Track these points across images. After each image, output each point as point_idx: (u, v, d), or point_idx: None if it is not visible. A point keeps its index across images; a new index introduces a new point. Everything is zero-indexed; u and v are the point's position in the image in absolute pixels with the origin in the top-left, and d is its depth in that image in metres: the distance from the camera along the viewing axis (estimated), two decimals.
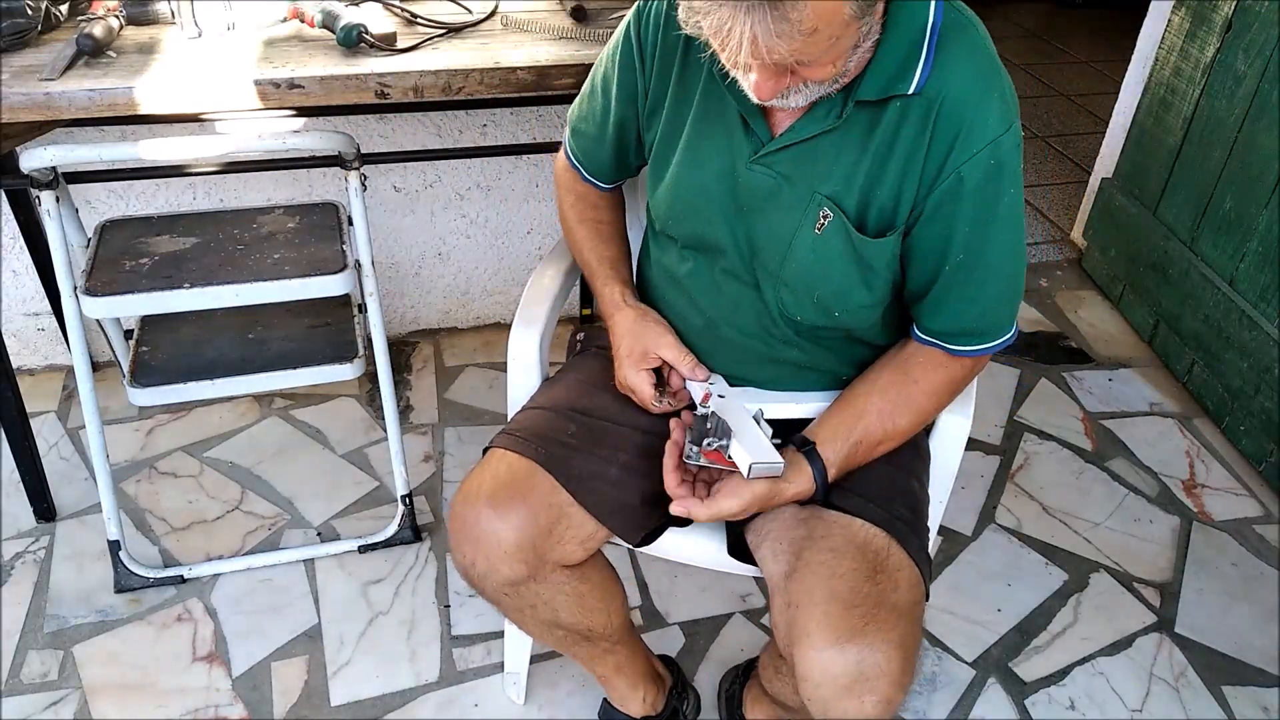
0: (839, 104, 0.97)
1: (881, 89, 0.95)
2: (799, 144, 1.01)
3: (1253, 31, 1.98)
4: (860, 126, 0.98)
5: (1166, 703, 1.57)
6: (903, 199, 0.99)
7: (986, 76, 0.95)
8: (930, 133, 0.96)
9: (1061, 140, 3.44)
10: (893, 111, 0.96)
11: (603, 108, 1.18)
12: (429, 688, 1.55)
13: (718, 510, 1.02)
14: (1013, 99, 0.97)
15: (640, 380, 1.14)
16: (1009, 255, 1.02)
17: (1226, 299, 2.06)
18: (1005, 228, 1.00)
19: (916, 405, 1.09)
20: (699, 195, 1.08)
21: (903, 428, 1.09)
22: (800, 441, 1.08)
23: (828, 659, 0.95)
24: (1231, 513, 1.93)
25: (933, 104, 0.95)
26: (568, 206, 1.29)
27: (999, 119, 0.95)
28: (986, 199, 0.97)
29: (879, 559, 1.01)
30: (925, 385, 1.09)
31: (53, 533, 1.77)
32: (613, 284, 1.21)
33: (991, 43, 0.98)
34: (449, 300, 2.31)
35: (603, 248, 1.25)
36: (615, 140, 1.19)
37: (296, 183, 2.04)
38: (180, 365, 1.56)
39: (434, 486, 1.91)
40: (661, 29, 1.07)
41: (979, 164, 0.95)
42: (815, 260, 1.04)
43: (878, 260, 1.03)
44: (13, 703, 1.49)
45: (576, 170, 1.27)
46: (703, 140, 1.07)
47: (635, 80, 1.12)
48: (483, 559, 1.08)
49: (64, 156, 1.34)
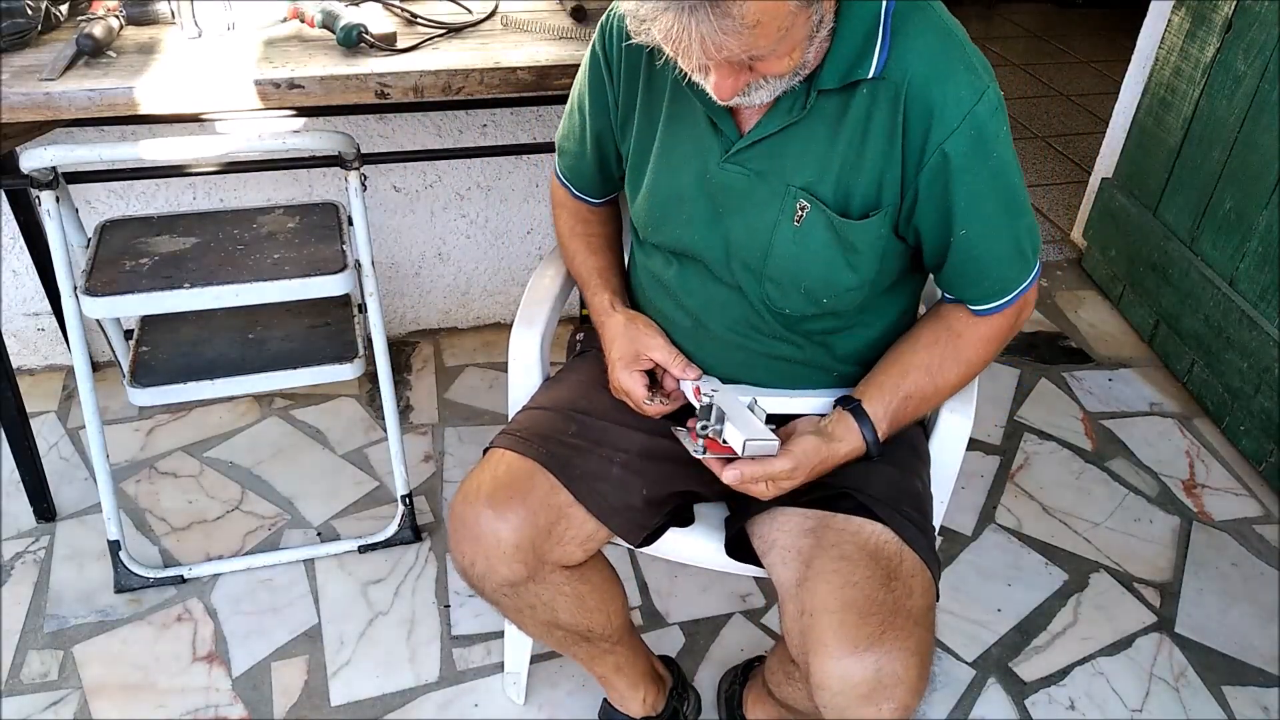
0: (802, 95, 0.98)
1: (841, 76, 0.96)
2: (767, 139, 1.01)
3: (1253, 31, 1.98)
4: (827, 115, 0.99)
5: (1166, 703, 1.57)
6: (885, 182, 1.00)
7: (947, 51, 0.96)
8: (903, 115, 0.96)
9: (1061, 140, 3.44)
10: (861, 98, 0.97)
11: (580, 124, 1.20)
12: (429, 688, 1.55)
13: (769, 470, 1.02)
14: (981, 65, 0.97)
15: (633, 382, 1.15)
16: (1014, 211, 1.03)
17: (1226, 299, 2.06)
18: (1002, 188, 1.00)
19: (963, 357, 1.10)
20: (675, 201, 1.09)
21: (951, 381, 1.10)
22: (845, 401, 1.09)
23: (845, 668, 0.95)
24: (1231, 513, 1.93)
25: (899, 87, 0.95)
26: (561, 223, 1.32)
27: (969, 90, 0.95)
28: (976, 169, 0.98)
29: (892, 565, 1.01)
30: (970, 337, 1.10)
31: (53, 533, 1.77)
32: (602, 292, 1.23)
33: (949, 16, 0.98)
34: (449, 300, 2.31)
35: (593, 259, 1.27)
36: (596, 154, 1.21)
37: (296, 183, 2.04)
38: (180, 365, 1.56)
39: (434, 486, 1.91)
40: (625, 39, 1.08)
41: (960, 138, 0.96)
42: (798, 252, 1.04)
43: (862, 241, 1.03)
44: (13, 703, 1.49)
45: (566, 188, 1.29)
46: (675, 146, 1.08)
47: (605, 93, 1.14)
48: (482, 559, 1.08)
49: (64, 156, 1.34)
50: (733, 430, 1.02)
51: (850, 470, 1.09)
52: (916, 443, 1.20)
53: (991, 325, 1.10)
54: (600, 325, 1.22)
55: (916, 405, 1.09)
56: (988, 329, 1.10)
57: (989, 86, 0.96)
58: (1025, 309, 1.11)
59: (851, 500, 1.06)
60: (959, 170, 0.97)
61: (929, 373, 1.09)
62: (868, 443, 1.06)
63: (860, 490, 1.07)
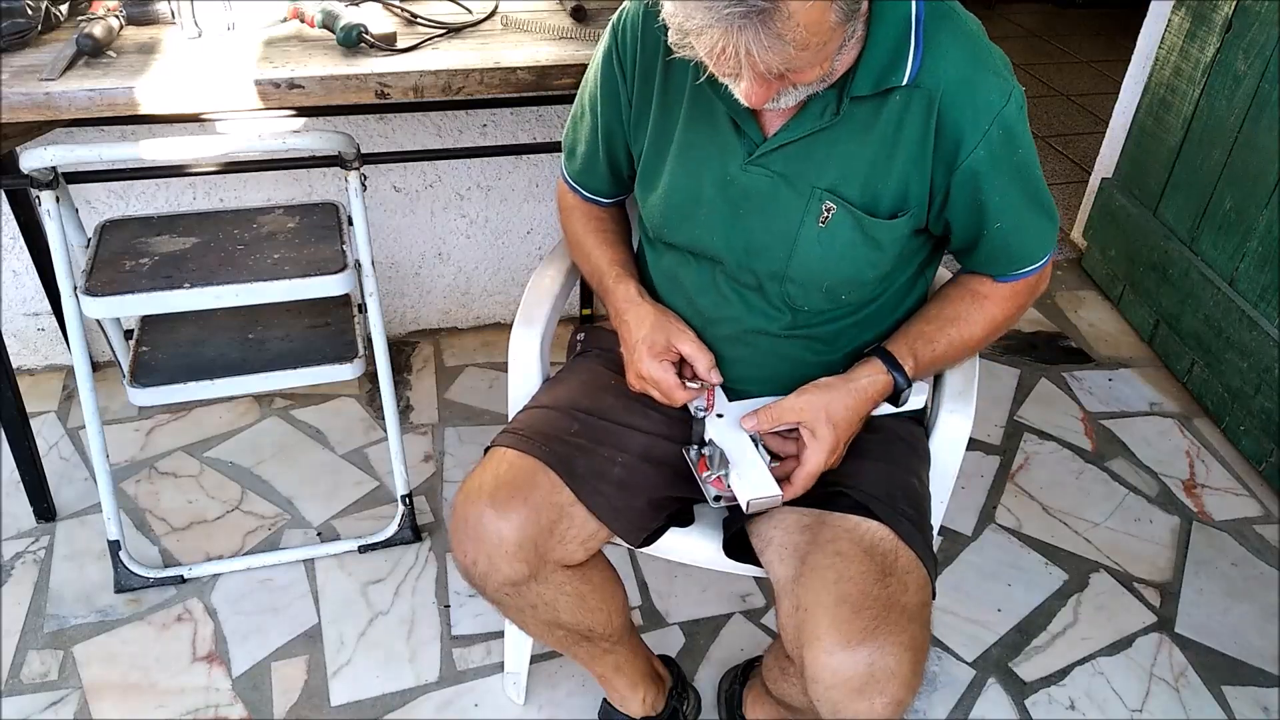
0: (833, 101, 0.99)
1: (875, 83, 0.97)
2: (794, 142, 1.02)
3: (1253, 31, 1.98)
4: (858, 121, 1.00)
5: (1166, 703, 1.57)
6: (912, 186, 1.02)
7: (976, 57, 0.98)
8: (936, 123, 0.98)
9: (1061, 140, 3.44)
10: (894, 104, 0.98)
11: (591, 126, 1.19)
12: (429, 688, 1.55)
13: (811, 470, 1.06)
14: (1005, 65, 1.00)
15: (663, 370, 1.12)
16: (1039, 197, 1.07)
17: (1226, 299, 2.06)
18: (1028, 180, 1.04)
19: (988, 315, 1.14)
20: (694, 202, 1.09)
21: (976, 334, 1.14)
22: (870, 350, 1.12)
23: (838, 661, 0.96)
24: (1231, 513, 1.93)
25: (933, 96, 0.97)
26: (573, 224, 1.30)
27: (998, 94, 0.98)
28: (1004, 167, 1.01)
29: (887, 561, 1.01)
30: (994, 297, 1.14)
31: (53, 533, 1.77)
32: (626, 281, 1.20)
33: (969, 15, 1.01)
34: (449, 300, 2.31)
35: (611, 251, 1.25)
36: (606, 154, 1.20)
37: (296, 183, 2.04)
38: (180, 365, 1.56)
39: (434, 486, 1.91)
40: (639, 38, 1.09)
41: (991, 141, 0.99)
42: (824, 252, 1.05)
43: (887, 239, 1.05)
44: (13, 703, 1.49)
45: (577, 192, 1.28)
46: (694, 147, 1.08)
47: (618, 91, 1.13)
48: (484, 558, 1.08)
49: (64, 156, 1.34)
50: (738, 481, 1.04)
51: (848, 468, 1.10)
52: (915, 442, 1.20)
53: (1013, 289, 1.13)
54: (623, 314, 1.17)
55: (944, 350, 1.12)
56: (1011, 293, 1.14)
57: (1014, 87, 0.99)
58: (1044, 276, 1.15)
59: (849, 499, 1.07)
60: (991, 172, 1.01)
61: (953, 322, 1.13)
62: (895, 377, 1.09)
63: (857, 488, 1.08)
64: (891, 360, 1.09)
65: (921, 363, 1.11)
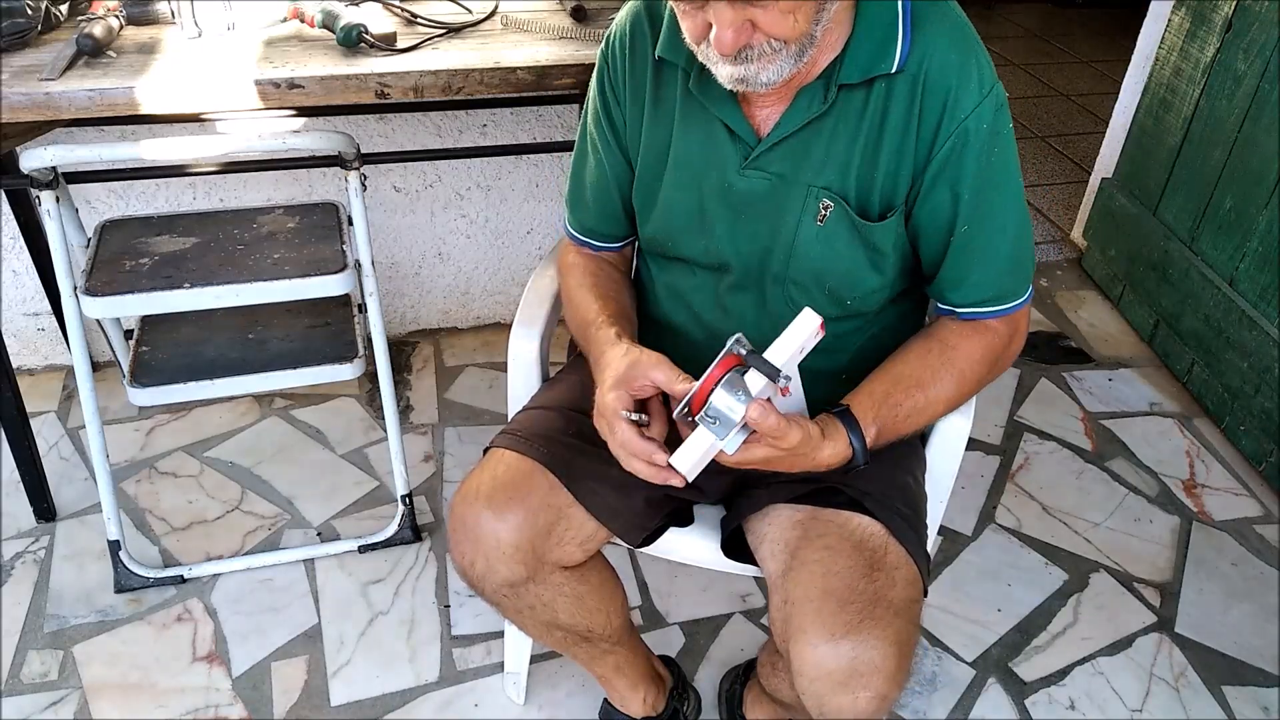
0: (821, 90, 0.99)
1: (864, 70, 0.96)
2: (789, 138, 1.01)
3: (1253, 31, 1.98)
4: (849, 112, 0.99)
5: (1166, 703, 1.57)
6: (900, 177, 1.01)
7: (963, 44, 0.97)
8: (919, 107, 0.97)
9: (1061, 140, 3.44)
10: (878, 92, 0.98)
11: (597, 164, 1.17)
12: (429, 688, 1.55)
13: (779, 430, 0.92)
14: (989, 63, 0.99)
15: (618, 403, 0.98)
16: (1012, 214, 1.03)
17: (1226, 299, 2.06)
18: (1004, 187, 1.01)
19: (957, 370, 1.06)
20: (694, 213, 1.09)
21: (945, 394, 1.06)
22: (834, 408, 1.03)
23: (821, 655, 0.95)
24: (1231, 513, 1.93)
25: (917, 79, 0.97)
26: (570, 280, 1.22)
27: (981, 84, 0.97)
28: (980, 164, 0.99)
29: (876, 556, 1.01)
30: (964, 351, 1.07)
31: (53, 533, 1.77)
32: (608, 328, 1.09)
33: (962, 11, 1.00)
34: (449, 300, 2.31)
35: (601, 302, 1.15)
36: (615, 183, 1.16)
37: (296, 183, 2.04)
38: (180, 365, 1.56)
39: (434, 486, 1.91)
40: (627, 56, 1.08)
41: (969, 130, 0.97)
42: (822, 251, 1.04)
43: (884, 242, 1.04)
44: (13, 703, 1.49)
45: (586, 245, 1.23)
46: (690, 159, 1.07)
47: (614, 116, 1.13)
48: (482, 559, 1.08)
49: (64, 156, 1.34)
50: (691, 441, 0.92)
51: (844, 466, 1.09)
52: (912, 442, 1.19)
53: (984, 341, 1.08)
54: (600, 357, 1.07)
55: (908, 415, 1.05)
56: (980, 346, 1.08)
57: (995, 85, 0.98)
58: (1017, 335, 1.10)
59: (843, 495, 1.07)
60: (965, 162, 0.98)
61: (919, 384, 1.05)
62: (854, 449, 1.01)
63: (852, 485, 1.07)
64: (856, 431, 1.00)
65: (884, 436, 1.03)
